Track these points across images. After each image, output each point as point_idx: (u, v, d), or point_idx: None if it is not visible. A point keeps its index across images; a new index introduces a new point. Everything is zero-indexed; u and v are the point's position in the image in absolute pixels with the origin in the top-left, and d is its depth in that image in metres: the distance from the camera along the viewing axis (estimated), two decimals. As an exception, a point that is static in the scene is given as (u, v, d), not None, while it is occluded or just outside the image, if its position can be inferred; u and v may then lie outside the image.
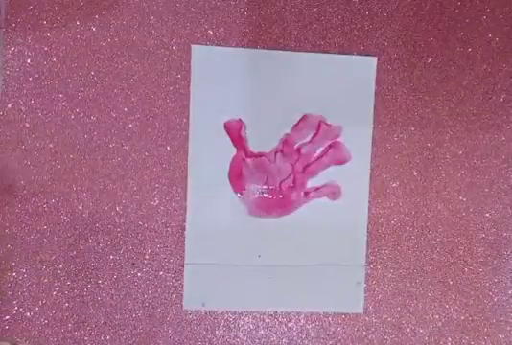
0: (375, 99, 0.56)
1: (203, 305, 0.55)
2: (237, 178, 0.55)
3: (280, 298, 0.56)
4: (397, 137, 0.57)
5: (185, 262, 0.55)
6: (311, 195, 0.56)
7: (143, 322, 0.54)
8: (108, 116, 0.54)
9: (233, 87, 0.55)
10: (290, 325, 0.56)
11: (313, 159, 0.56)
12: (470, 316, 0.58)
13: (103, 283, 0.54)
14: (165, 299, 0.55)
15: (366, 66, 0.56)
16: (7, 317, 0.53)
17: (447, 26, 0.57)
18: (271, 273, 0.55)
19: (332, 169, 0.56)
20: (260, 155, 0.55)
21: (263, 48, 0.55)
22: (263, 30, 0.55)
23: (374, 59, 0.56)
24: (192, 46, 0.54)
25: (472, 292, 0.58)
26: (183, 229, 0.54)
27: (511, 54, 0.58)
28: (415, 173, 0.57)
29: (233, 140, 0.55)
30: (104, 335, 0.54)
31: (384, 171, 0.57)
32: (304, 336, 0.56)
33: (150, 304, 0.54)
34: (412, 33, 0.57)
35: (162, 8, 0.54)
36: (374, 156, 0.56)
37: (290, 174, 0.56)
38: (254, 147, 0.55)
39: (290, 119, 0.56)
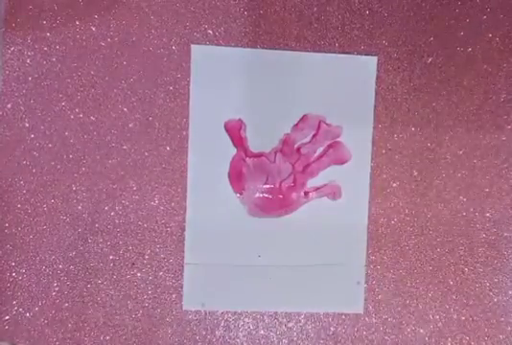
0: (375, 99, 0.56)
1: (203, 305, 0.55)
2: (237, 178, 0.55)
3: (280, 298, 0.56)
4: (397, 137, 0.57)
5: (185, 262, 0.55)
6: (311, 195, 0.56)
7: (143, 322, 0.54)
8: (108, 116, 0.54)
9: (233, 87, 0.55)
10: (290, 325, 0.56)
11: (313, 159, 0.56)
12: (470, 317, 0.58)
13: (103, 283, 0.54)
14: (165, 299, 0.55)
15: (366, 66, 0.56)
16: (7, 317, 0.53)
17: (447, 26, 0.57)
18: (271, 273, 0.55)
19: (332, 169, 0.56)
20: (260, 155, 0.55)
21: (263, 48, 0.55)
22: (263, 30, 0.55)
23: (374, 59, 0.56)
24: (192, 46, 0.54)
25: (472, 293, 0.58)
26: (183, 229, 0.54)
27: (511, 54, 0.58)
28: (415, 173, 0.57)
29: (233, 140, 0.55)
30: (104, 336, 0.54)
31: (384, 171, 0.57)
32: (304, 336, 0.56)
33: (150, 304, 0.54)
34: (412, 33, 0.57)
35: (162, 8, 0.54)
36: (374, 156, 0.56)
37: (290, 174, 0.56)
38: (254, 147, 0.55)
39: (290, 119, 0.55)
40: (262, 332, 0.56)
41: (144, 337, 0.54)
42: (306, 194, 0.56)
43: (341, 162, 0.56)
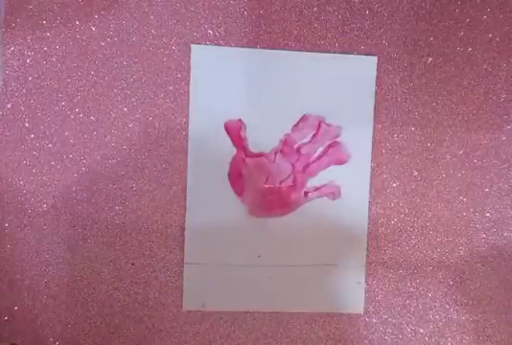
0: (375, 99, 0.56)
1: (203, 305, 0.55)
2: (237, 178, 0.55)
3: (280, 298, 0.56)
4: (397, 137, 0.57)
5: (185, 262, 0.55)
6: (310, 194, 0.56)
7: (143, 322, 0.54)
8: (108, 116, 0.54)
9: (233, 87, 0.55)
10: (290, 325, 0.56)
11: (313, 159, 0.56)
12: (470, 317, 0.58)
13: (103, 283, 0.54)
14: (165, 299, 0.55)
15: (366, 66, 0.56)
16: (6, 317, 0.53)
17: (447, 26, 0.57)
18: (271, 273, 0.55)
19: (332, 169, 0.56)
20: (260, 155, 0.55)
21: (263, 48, 0.55)
22: (263, 30, 0.55)
23: (374, 59, 0.56)
24: (192, 46, 0.54)
25: (472, 293, 0.58)
26: (183, 229, 0.54)
27: (511, 54, 0.58)
28: (415, 173, 0.57)
29: (233, 140, 0.55)
30: (104, 336, 0.54)
31: (384, 171, 0.57)
32: (304, 336, 0.56)
33: (150, 304, 0.54)
34: (412, 33, 0.56)
35: (162, 8, 0.54)
36: (374, 156, 0.56)
37: (290, 174, 0.56)
38: (254, 147, 0.55)
39: (290, 119, 0.55)
40: (262, 331, 0.56)
41: (144, 337, 0.54)
42: (306, 194, 0.56)
43: (341, 162, 0.56)
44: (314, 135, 0.56)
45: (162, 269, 0.54)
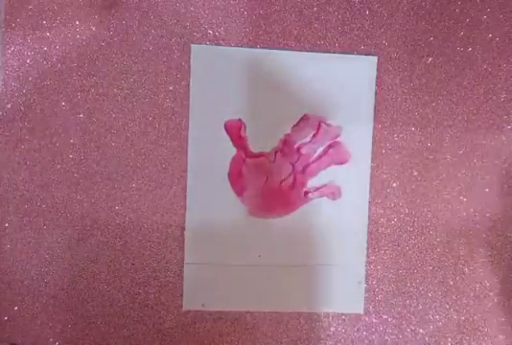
0: (375, 99, 0.56)
1: (203, 305, 0.55)
2: (237, 178, 0.55)
3: (280, 298, 0.56)
4: (397, 137, 0.57)
5: (185, 262, 0.55)
6: (310, 195, 0.56)
7: (143, 322, 0.54)
8: (108, 116, 0.54)
9: (233, 87, 0.55)
10: (290, 325, 0.56)
11: (313, 159, 0.56)
12: (470, 317, 0.58)
13: (102, 283, 0.54)
14: (165, 299, 0.54)
15: (366, 66, 0.56)
16: (6, 317, 0.53)
17: (447, 26, 0.57)
18: (271, 273, 0.55)
19: (332, 169, 0.56)
20: (260, 155, 0.55)
21: (263, 48, 0.55)
22: (263, 30, 0.55)
23: (374, 59, 0.56)
24: (191, 46, 0.54)
25: (472, 292, 0.58)
26: (183, 229, 0.54)
27: (511, 54, 0.58)
28: (415, 173, 0.57)
29: (233, 140, 0.55)
30: (104, 336, 0.54)
31: (384, 171, 0.57)
32: (304, 336, 0.56)
33: (150, 304, 0.54)
34: (412, 33, 0.56)
35: (162, 8, 0.54)
36: (374, 156, 0.56)
37: (290, 174, 0.56)
38: (254, 147, 0.55)
39: (290, 119, 0.55)
40: (262, 331, 0.56)
41: (144, 337, 0.54)
42: (306, 194, 0.56)
43: (341, 162, 0.56)
44: (314, 135, 0.56)
45: (162, 269, 0.54)
